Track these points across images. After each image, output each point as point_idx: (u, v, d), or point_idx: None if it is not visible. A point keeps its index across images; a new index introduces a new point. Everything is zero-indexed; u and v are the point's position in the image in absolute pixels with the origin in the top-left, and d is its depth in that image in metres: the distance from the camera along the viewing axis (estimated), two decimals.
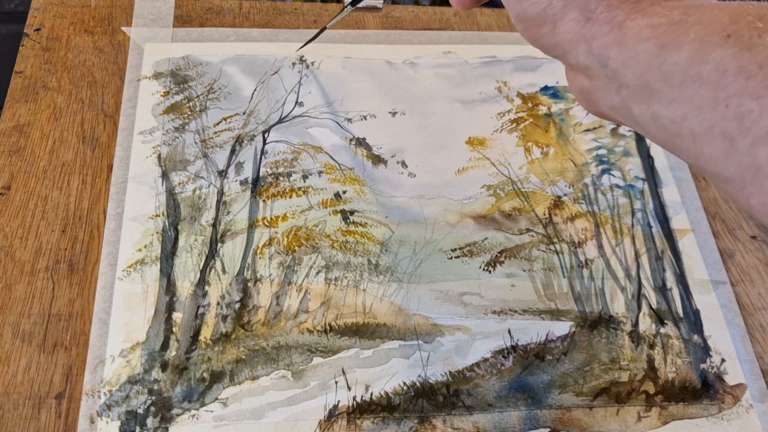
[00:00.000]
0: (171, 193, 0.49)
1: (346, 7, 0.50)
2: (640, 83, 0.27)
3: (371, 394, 0.43)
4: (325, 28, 0.55)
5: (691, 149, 0.26)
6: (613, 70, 0.28)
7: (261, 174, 0.51)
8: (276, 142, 0.53)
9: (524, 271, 0.49)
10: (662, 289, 0.50)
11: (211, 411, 0.41)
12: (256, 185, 0.51)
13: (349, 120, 0.55)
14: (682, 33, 0.25)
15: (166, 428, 0.40)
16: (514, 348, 0.46)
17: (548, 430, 0.43)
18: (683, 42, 0.25)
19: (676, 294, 0.49)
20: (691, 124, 0.25)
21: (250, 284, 0.46)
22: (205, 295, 0.45)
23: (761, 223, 0.26)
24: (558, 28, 0.30)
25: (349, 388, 0.43)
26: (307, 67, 0.58)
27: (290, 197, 0.50)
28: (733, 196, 0.25)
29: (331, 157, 0.53)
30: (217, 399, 0.42)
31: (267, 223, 0.49)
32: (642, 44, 0.26)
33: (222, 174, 0.51)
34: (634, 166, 0.55)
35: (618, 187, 0.54)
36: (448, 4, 0.36)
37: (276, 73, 0.57)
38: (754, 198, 0.24)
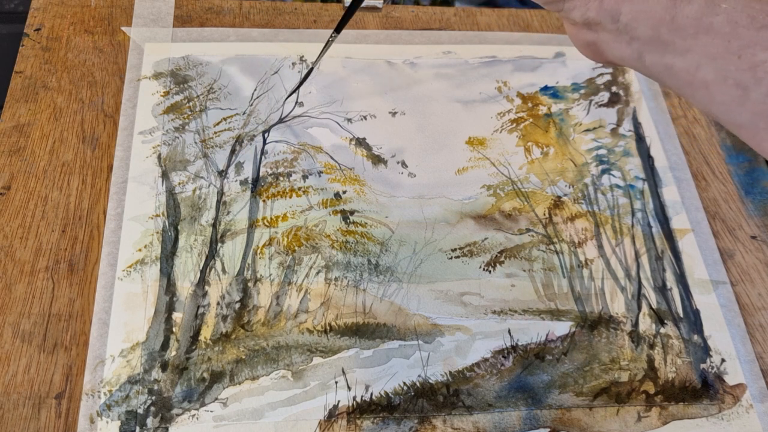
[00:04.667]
0: (171, 193, 0.49)
1: (330, 39, 0.50)
2: (652, 36, 0.28)
3: (371, 394, 0.43)
4: (312, 69, 0.55)
5: (704, 97, 0.27)
6: (625, 24, 0.29)
7: (261, 174, 0.51)
8: (276, 142, 0.53)
9: (524, 271, 0.49)
10: (662, 289, 0.50)
11: (211, 411, 0.41)
12: (256, 185, 0.51)
13: (349, 120, 0.55)
14: None
15: (166, 428, 0.40)
16: (514, 348, 0.46)
17: (548, 430, 0.43)
18: None
19: (676, 294, 0.49)
20: (705, 74, 0.26)
21: (250, 284, 0.46)
22: (205, 295, 0.45)
23: None
24: None
25: (349, 388, 0.43)
26: (307, 67, 0.58)
27: (290, 197, 0.50)
28: (746, 140, 0.27)
29: (331, 157, 0.53)
30: (217, 399, 0.42)
31: (267, 223, 0.49)
32: None
33: (222, 174, 0.51)
34: (634, 166, 0.55)
35: (618, 187, 0.54)
36: (448, 4, 0.36)
37: (276, 73, 0.57)
38: (767, 142, 0.26)
